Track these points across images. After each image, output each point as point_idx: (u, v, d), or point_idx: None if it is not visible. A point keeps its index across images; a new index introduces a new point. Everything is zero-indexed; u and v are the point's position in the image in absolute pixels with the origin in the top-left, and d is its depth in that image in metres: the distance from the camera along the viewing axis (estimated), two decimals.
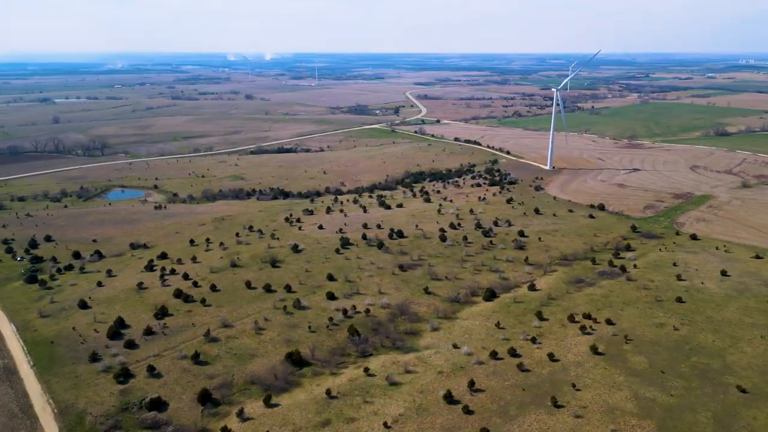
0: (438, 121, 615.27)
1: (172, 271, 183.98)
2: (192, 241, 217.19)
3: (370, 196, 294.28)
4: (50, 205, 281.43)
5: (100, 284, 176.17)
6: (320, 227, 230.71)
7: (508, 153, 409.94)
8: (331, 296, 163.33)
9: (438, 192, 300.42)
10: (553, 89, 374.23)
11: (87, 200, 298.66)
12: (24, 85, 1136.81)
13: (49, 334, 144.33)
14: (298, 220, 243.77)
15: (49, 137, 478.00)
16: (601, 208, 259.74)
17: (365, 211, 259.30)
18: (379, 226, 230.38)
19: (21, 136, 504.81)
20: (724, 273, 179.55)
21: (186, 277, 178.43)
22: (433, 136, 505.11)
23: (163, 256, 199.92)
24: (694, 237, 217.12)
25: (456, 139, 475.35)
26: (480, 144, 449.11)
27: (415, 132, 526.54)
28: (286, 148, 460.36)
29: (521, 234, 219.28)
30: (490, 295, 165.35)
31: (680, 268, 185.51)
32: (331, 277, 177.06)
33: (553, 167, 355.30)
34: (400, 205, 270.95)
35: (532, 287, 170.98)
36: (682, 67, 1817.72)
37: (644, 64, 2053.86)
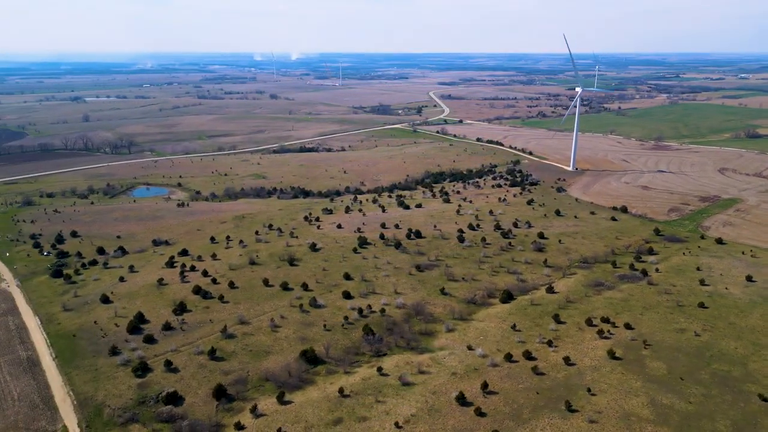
0: (460, 121, 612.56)
1: (192, 268, 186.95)
2: (212, 239, 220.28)
3: (390, 196, 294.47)
4: (77, 202, 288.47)
5: (122, 279, 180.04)
6: (338, 226, 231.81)
7: (530, 154, 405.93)
8: (347, 295, 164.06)
9: (458, 192, 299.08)
10: (577, 89, 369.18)
11: (113, 197, 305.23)
12: (56, 84, 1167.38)
13: (71, 328, 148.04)
14: (317, 219, 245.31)
15: (79, 135, 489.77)
16: (624, 210, 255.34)
17: (384, 211, 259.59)
18: (397, 226, 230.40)
19: (52, 134, 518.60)
20: (749, 278, 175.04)
21: (205, 273, 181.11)
22: (455, 136, 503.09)
23: (184, 252, 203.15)
24: (719, 241, 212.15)
25: (478, 140, 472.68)
26: (502, 144, 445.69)
27: (437, 132, 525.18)
28: (307, 147, 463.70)
29: (541, 236, 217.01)
30: (507, 297, 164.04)
31: (704, 272, 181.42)
32: (347, 276, 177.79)
33: (576, 168, 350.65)
34: (419, 206, 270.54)
35: (550, 290, 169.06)
36: (714, 67, 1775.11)
37: (675, 64, 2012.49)
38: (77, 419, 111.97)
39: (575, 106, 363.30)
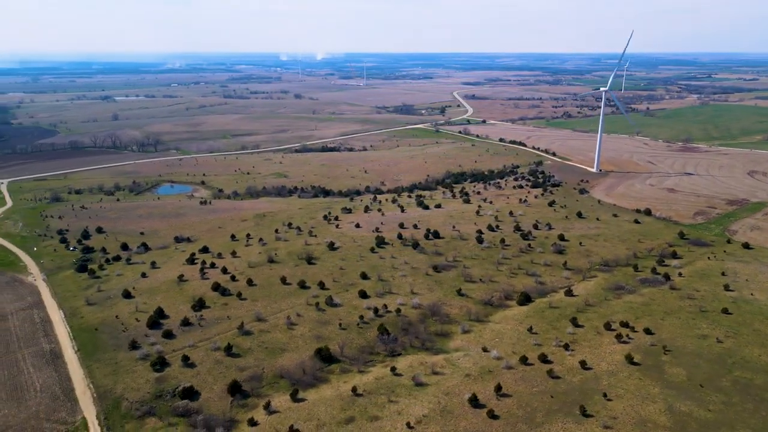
0: (484, 122, 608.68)
1: (212, 265, 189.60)
2: (233, 236, 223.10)
3: (409, 196, 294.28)
4: (104, 198, 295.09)
5: (144, 275, 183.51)
6: (357, 226, 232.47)
7: (553, 155, 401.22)
8: (363, 294, 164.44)
9: (478, 193, 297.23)
10: (601, 90, 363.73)
11: (138, 194, 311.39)
12: (88, 84, 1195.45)
13: (94, 322, 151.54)
14: (336, 218, 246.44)
15: (108, 134, 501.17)
16: (648, 213, 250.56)
17: (403, 211, 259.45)
18: (415, 226, 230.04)
19: (82, 132, 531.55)
20: None
21: (225, 270, 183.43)
22: (477, 136, 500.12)
23: (205, 249, 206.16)
24: (746, 246, 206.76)
25: (501, 140, 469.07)
26: (525, 145, 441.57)
27: (460, 132, 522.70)
28: (329, 147, 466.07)
29: (561, 238, 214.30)
30: (525, 299, 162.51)
31: (729, 277, 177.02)
32: (364, 276, 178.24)
33: (600, 170, 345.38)
34: (438, 206, 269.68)
35: (569, 293, 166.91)
36: (748, 67, 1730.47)
37: (707, 64, 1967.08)
38: (96, 411, 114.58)
39: (600, 99, 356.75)
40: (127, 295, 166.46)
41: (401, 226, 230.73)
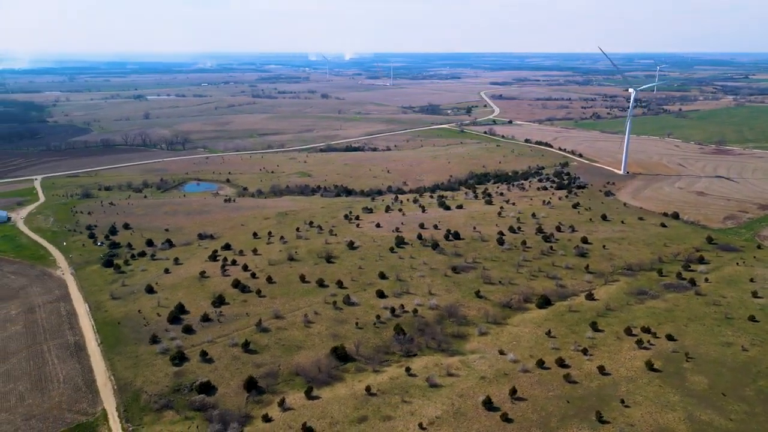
0: (510, 122, 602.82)
1: (233, 262, 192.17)
2: (255, 234, 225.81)
3: (431, 197, 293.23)
4: (132, 195, 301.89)
5: (167, 271, 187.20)
6: (377, 225, 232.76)
7: (580, 156, 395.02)
8: (380, 294, 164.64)
9: (501, 194, 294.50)
10: (630, 90, 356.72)
11: (165, 191, 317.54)
12: (122, 83, 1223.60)
13: (117, 315, 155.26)
14: (357, 218, 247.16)
15: (139, 132, 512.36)
16: (675, 216, 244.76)
17: (424, 211, 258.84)
18: (436, 227, 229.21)
19: (114, 130, 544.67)
20: None
21: (245, 268, 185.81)
22: (503, 137, 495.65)
23: (227, 247, 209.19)
24: None
25: (527, 141, 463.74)
26: (551, 146, 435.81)
27: (485, 132, 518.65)
28: (353, 146, 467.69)
29: (584, 241, 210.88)
30: (544, 302, 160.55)
31: (758, 284, 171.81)
32: (382, 275, 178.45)
33: (628, 172, 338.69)
34: (459, 206, 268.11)
35: (589, 296, 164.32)
36: None
37: (744, 65, 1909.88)
38: (116, 403, 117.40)
39: (630, 108, 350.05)
40: (150, 290, 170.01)
41: (421, 226, 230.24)
